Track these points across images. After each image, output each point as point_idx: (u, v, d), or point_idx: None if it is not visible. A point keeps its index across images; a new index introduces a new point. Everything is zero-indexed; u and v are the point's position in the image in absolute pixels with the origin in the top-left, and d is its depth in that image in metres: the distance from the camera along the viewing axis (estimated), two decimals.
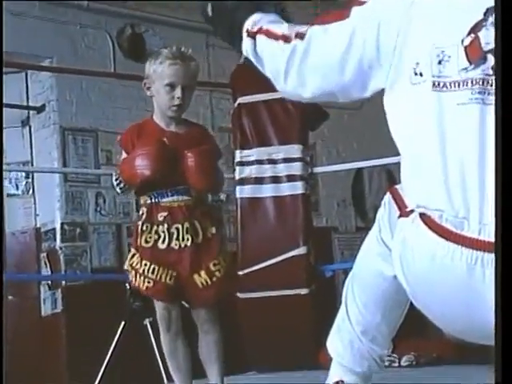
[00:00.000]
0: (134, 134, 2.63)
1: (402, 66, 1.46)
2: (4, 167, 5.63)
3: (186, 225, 2.56)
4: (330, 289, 4.40)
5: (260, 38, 1.62)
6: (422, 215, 1.44)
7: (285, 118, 3.74)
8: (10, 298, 5.57)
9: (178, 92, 2.57)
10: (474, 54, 1.39)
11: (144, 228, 2.56)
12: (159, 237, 2.55)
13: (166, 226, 2.55)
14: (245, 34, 1.65)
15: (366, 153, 5.41)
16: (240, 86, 3.94)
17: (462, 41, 1.40)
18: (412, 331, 2.46)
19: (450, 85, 1.41)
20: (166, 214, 2.55)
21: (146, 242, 2.56)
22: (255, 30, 1.63)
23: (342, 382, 1.79)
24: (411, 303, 1.64)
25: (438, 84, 1.42)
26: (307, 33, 1.56)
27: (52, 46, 5.26)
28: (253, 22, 1.65)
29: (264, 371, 3.80)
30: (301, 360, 3.61)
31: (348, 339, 1.76)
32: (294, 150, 3.74)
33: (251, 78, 3.89)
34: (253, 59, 1.66)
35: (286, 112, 3.73)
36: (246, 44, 1.65)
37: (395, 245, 1.54)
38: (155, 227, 2.56)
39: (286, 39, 1.57)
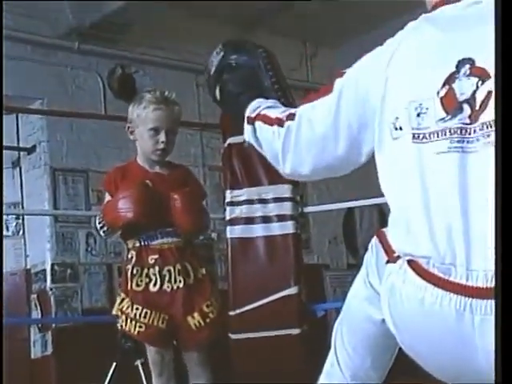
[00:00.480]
0: (118, 177, 2.64)
1: (383, 124, 1.50)
2: None
3: (178, 266, 2.55)
4: (322, 328, 4.37)
5: (258, 124, 1.68)
6: (410, 261, 1.45)
7: None
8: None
9: (162, 136, 2.58)
10: (449, 104, 1.42)
11: (134, 272, 2.55)
12: (150, 280, 2.54)
13: (157, 268, 2.54)
14: (245, 121, 1.70)
15: (357, 190, 5.42)
16: (229, 126, 3.96)
17: (438, 92, 1.43)
18: (402, 371, 2.45)
19: (430, 135, 1.44)
20: (156, 256, 2.55)
21: (137, 285, 2.54)
22: (253, 116, 1.69)
23: None
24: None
25: (418, 136, 1.45)
26: (297, 112, 1.62)
27: (43, 87, 5.30)
28: (252, 108, 1.71)
29: None
30: None
31: None
32: (284, 190, 3.75)
33: (240, 118, 3.93)
34: (254, 144, 1.71)
35: None
36: (247, 130, 1.70)
37: (383, 290, 1.54)
38: (146, 270, 2.55)
39: (280, 122, 1.63)
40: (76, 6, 5.34)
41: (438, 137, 1.42)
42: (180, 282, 2.55)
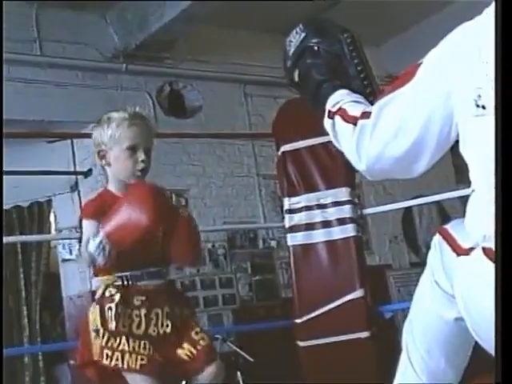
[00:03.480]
0: (99, 205, 2.35)
1: (465, 100, 1.43)
2: (56, 234, 5.74)
3: (166, 309, 2.33)
4: (391, 329, 4.33)
5: (337, 118, 1.63)
6: (487, 250, 1.41)
7: (330, 162, 3.73)
8: (72, 362, 5.60)
9: (141, 155, 2.37)
10: None
11: (119, 311, 2.28)
12: (133, 321, 2.30)
13: (143, 311, 2.30)
14: (326, 114, 1.66)
15: (413, 187, 5.36)
16: (282, 134, 3.95)
17: None
18: (481, 367, 2.40)
19: None
20: (143, 298, 2.32)
21: (123, 326, 2.28)
22: (334, 110, 1.64)
23: None
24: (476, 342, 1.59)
25: None
26: (373, 109, 1.56)
27: (94, 110, 5.36)
28: (333, 102, 1.66)
29: None
30: None
31: None
32: (342, 193, 3.72)
33: (293, 125, 3.93)
34: (333, 138, 1.66)
35: (331, 156, 3.72)
36: (326, 123, 1.66)
37: (457, 285, 1.50)
38: (129, 311, 2.30)
39: (355, 121, 1.58)
40: (120, 29, 5.43)
41: None
42: (167, 326, 2.32)
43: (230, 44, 5.93)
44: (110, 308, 2.29)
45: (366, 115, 1.57)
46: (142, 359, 2.24)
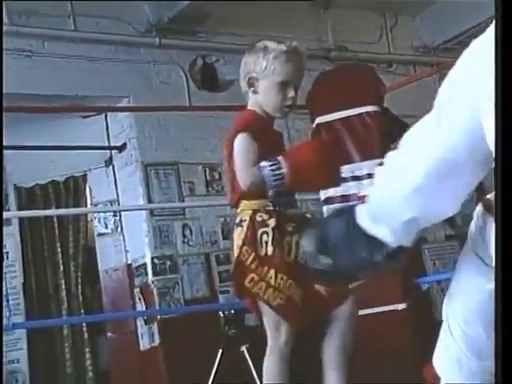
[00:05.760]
0: (255, 122, 2.39)
1: (490, 101, 1.32)
2: (92, 208, 5.80)
3: None
4: (426, 301, 4.31)
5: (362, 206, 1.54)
6: None
7: (364, 134, 3.71)
8: (109, 334, 5.69)
9: (290, 91, 2.34)
10: None
11: (272, 237, 2.25)
12: (284, 249, 2.27)
13: (295, 238, 2.24)
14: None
15: None
16: (317, 106, 3.94)
17: None
18: None
19: None
20: (294, 224, 2.28)
21: (275, 253, 2.26)
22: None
23: None
24: None
25: None
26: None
27: (128, 85, 5.40)
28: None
29: None
30: (405, 377, 3.55)
31: (455, 357, 1.70)
32: (377, 165, 3.71)
33: (327, 97, 3.91)
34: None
35: (365, 127, 3.71)
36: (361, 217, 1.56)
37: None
38: (284, 238, 2.27)
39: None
40: (153, 2, 5.42)
41: None
42: None
43: (263, 17, 5.88)
44: (264, 233, 2.28)
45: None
46: (280, 298, 2.25)
